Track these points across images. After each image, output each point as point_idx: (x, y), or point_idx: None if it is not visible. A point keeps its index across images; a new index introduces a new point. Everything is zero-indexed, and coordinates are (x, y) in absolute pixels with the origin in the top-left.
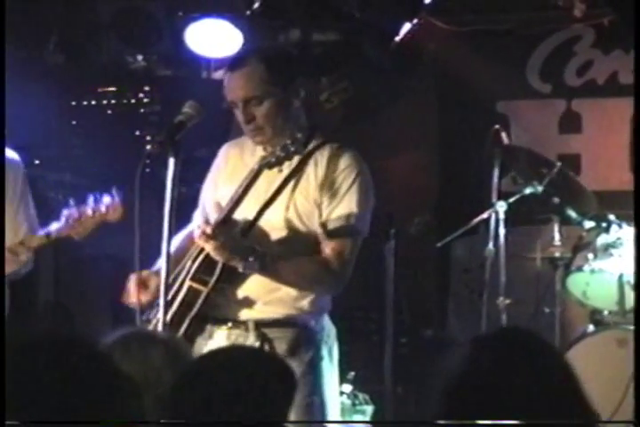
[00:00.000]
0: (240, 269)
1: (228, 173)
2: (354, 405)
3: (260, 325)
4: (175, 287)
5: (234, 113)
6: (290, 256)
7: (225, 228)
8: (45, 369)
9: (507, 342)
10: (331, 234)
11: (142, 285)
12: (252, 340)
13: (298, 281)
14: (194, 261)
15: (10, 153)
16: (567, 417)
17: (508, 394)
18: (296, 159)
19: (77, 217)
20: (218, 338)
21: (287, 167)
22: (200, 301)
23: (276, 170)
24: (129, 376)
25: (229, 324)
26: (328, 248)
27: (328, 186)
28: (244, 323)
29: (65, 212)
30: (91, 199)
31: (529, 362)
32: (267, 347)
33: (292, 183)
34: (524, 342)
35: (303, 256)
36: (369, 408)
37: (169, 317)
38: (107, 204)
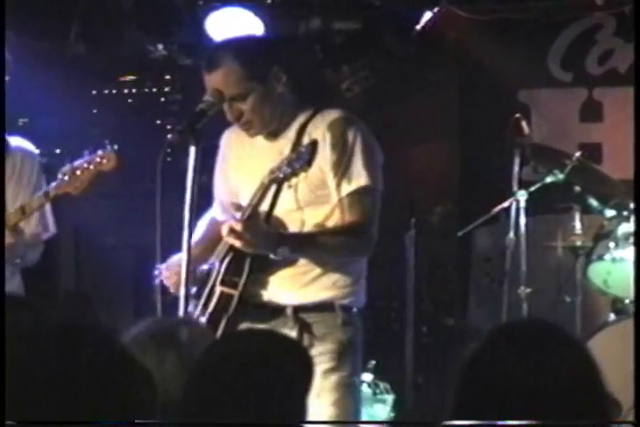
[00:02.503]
0: (273, 257)
1: (235, 163)
2: (374, 394)
3: (298, 310)
4: (206, 292)
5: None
6: (313, 231)
7: (250, 223)
8: (60, 359)
9: (525, 334)
10: (346, 198)
11: (174, 276)
12: (290, 325)
13: (328, 253)
14: (222, 262)
15: (25, 143)
16: (584, 410)
17: (524, 387)
18: (293, 133)
19: (72, 171)
20: (259, 324)
21: (285, 145)
22: (234, 303)
23: (276, 152)
24: (144, 367)
25: (268, 311)
26: (348, 213)
27: (331, 155)
28: (283, 309)
29: (61, 170)
30: (85, 153)
31: (547, 354)
32: (306, 332)
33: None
34: (543, 334)
35: (325, 227)
36: (390, 397)
37: (205, 319)
38: (100, 154)
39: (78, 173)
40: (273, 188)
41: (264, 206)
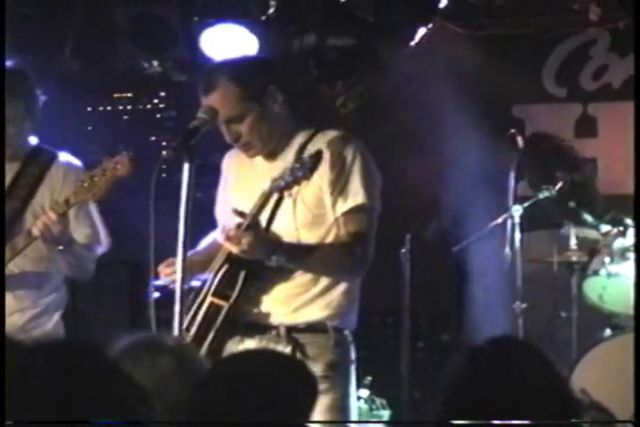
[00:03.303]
0: (268, 263)
1: (235, 184)
2: (371, 409)
3: (291, 330)
4: (198, 302)
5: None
6: (310, 245)
7: (250, 230)
8: (53, 374)
9: (500, 353)
10: (343, 216)
11: (169, 265)
12: (283, 345)
13: (323, 267)
14: (215, 275)
15: (70, 158)
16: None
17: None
18: (293, 153)
19: (90, 178)
20: (249, 344)
21: (285, 159)
22: (222, 316)
23: (276, 171)
24: (137, 382)
25: (260, 330)
26: (344, 231)
27: (330, 173)
28: (276, 329)
29: (79, 177)
30: (102, 160)
31: (522, 374)
32: (298, 352)
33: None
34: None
35: (323, 243)
36: (386, 413)
37: (193, 330)
38: (114, 160)
39: (96, 179)
40: (274, 198)
41: (263, 222)
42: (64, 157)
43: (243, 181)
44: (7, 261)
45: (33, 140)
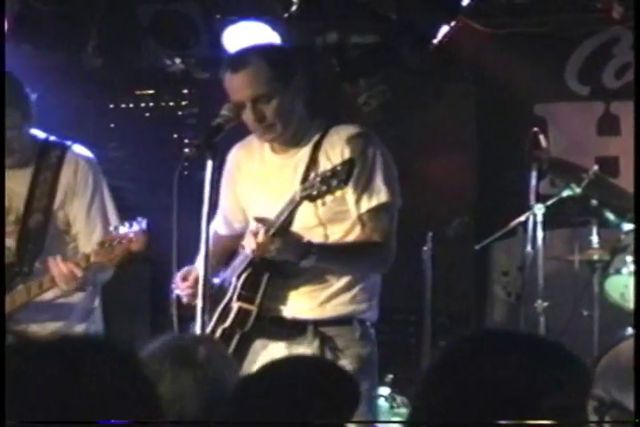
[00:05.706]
0: (300, 265)
1: (245, 179)
2: (392, 407)
3: (317, 324)
4: (221, 307)
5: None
6: (338, 244)
7: (279, 236)
8: (75, 373)
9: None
10: (366, 214)
11: (183, 278)
12: (309, 339)
13: (351, 264)
14: (238, 278)
15: (80, 148)
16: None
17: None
18: (308, 149)
19: (109, 242)
20: (275, 340)
21: (300, 161)
22: (251, 319)
23: (290, 169)
24: (154, 386)
25: (286, 325)
26: (368, 228)
27: None
28: (302, 324)
29: (102, 237)
30: (123, 227)
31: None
32: (326, 346)
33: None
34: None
35: (349, 241)
36: (407, 411)
37: (219, 333)
38: (131, 233)
39: (115, 243)
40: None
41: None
42: (73, 151)
43: (254, 176)
44: (33, 296)
45: (40, 134)
